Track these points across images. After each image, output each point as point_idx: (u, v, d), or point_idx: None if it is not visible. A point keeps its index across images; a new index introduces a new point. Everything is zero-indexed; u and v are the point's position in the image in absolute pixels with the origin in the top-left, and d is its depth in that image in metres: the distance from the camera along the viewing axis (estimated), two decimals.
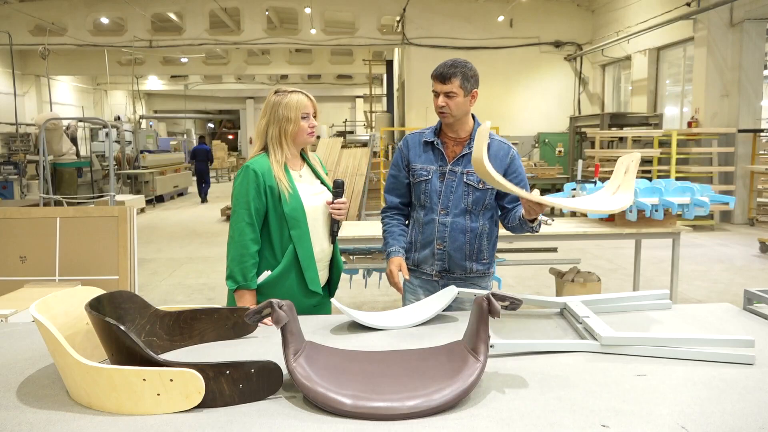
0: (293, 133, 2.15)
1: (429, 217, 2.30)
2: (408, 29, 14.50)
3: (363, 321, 1.80)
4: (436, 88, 2.22)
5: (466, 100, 2.21)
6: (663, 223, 4.05)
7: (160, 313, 1.63)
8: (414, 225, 2.38)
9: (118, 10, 14.89)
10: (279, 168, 2.12)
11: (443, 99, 2.20)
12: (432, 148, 2.31)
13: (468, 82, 2.19)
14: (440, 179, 2.28)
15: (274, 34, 15.57)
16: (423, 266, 2.36)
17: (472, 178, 2.25)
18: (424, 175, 2.30)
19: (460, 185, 2.27)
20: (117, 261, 3.38)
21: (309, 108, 2.18)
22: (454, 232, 2.28)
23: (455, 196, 2.27)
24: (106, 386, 1.24)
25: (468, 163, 2.25)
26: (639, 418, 1.20)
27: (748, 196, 9.84)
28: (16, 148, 12.88)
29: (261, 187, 2.10)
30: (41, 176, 6.25)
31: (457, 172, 2.27)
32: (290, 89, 2.19)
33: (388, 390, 1.28)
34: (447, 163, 2.28)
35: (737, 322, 1.82)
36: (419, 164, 2.32)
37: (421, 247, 2.35)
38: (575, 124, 13.18)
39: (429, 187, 2.29)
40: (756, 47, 9.68)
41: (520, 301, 1.43)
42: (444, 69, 2.19)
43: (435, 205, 2.29)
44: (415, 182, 2.33)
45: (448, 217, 2.28)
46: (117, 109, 23.73)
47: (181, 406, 1.24)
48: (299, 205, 2.12)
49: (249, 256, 2.08)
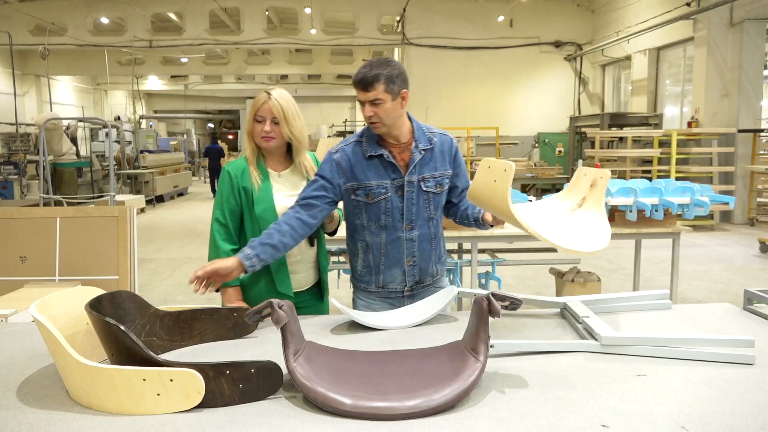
0: (249, 133, 2.17)
1: (393, 236, 2.09)
2: (408, 29, 14.49)
3: (363, 321, 1.80)
4: (360, 97, 1.98)
5: (395, 104, 1.98)
6: (663, 223, 4.05)
7: (160, 313, 1.63)
8: (370, 248, 2.13)
9: (118, 10, 14.89)
10: (253, 167, 2.16)
11: (370, 108, 1.96)
12: (381, 161, 2.05)
13: (394, 84, 1.95)
14: (398, 194, 2.06)
15: (274, 34, 15.57)
16: (391, 285, 2.15)
17: (429, 184, 2.09)
18: (382, 193, 2.05)
19: (420, 195, 2.08)
20: (117, 261, 3.38)
21: (263, 112, 2.12)
22: (422, 244, 2.13)
23: (417, 208, 2.08)
24: (106, 386, 1.24)
25: (422, 169, 2.07)
26: (639, 418, 1.20)
27: (748, 196, 9.84)
28: (16, 148, 12.88)
29: (235, 188, 2.15)
30: (41, 176, 6.25)
31: (414, 182, 2.06)
32: (269, 89, 2.16)
33: (388, 390, 1.28)
34: (402, 175, 2.05)
35: (737, 322, 1.82)
36: (374, 182, 2.05)
37: (386, 269, 2.13)
38: (575, 124, 13.19)
39: (390, 205, 2.06)
40: (756, 47, 9.68)
41: (520, 301, 1.43)
42: (364, 74, 1.94)
43: (398, 223, 2.08)
44: (372, 202, 2.06)
45: (414, 231, 2.10)
46: (117, 109, 23.72)
47: (181, 406, 1.24)
48: (270, 207, 2.14)
49: (224, 254, 2.08)
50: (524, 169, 11.84)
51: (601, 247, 1.67)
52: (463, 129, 12.39)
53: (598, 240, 1.70)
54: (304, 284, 2.26)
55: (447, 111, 14.44)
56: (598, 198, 1.81)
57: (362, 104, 1.99)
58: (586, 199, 1.84)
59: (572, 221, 1.81)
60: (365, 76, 1.94)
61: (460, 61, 14.51)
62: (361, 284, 2.20)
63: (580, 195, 1.86)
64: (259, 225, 2.12)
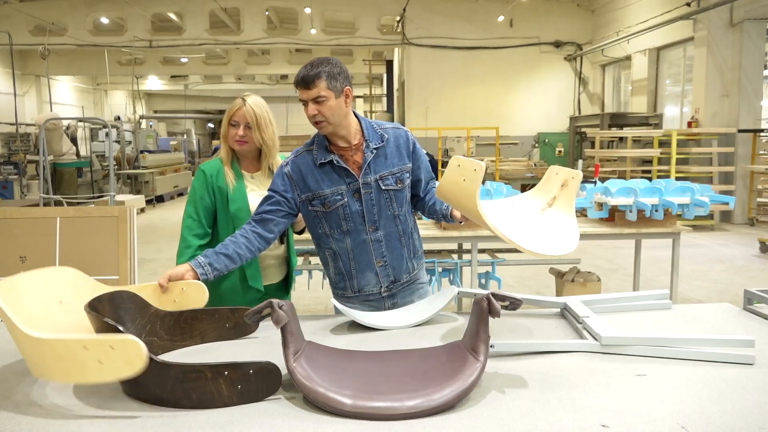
0: (224, 136, 2.27)
1: (358, 239, 2.05)
2: (408, 29, 14.49)
3: (363, 321, 1.80)
4: (302, 96, 1.94)
5: (339, 101, 1.94)
6: (663, 223, 4.05)
7: (160, 313, 1.63)
8: (338, 255, 2.10)
9: (118, 10, 14.88)
10: (228, 168, 2.25)
11: (313, 107, 1.92)
12: (332, 167, 2.01)
13: (336, 81, 1.92)
14: (355, 197, 2.02)
15: (274, 34, 15.56)
16: (366, 288, 2.13)
17: (389, 181, 2.04)
18: (338, 200, 2.01)
19: (379, 195, 2.03)
20: (117, 261, 3.38)
21: (238, 117, 2.23)
22: (390, 243, 2.08)
23: (378, 208, 2.04)
24: (52, 357, 1.26)
25: (377, 168, 2.02)
26: (639, 418, 1.20)
27: (748, 196, 9.84)
28: (16, 148, 12.88)
29: (209, 186, 2.24)
30: (41, 176, 6.25)
31: (371, 183, 2.02)
32: (245, 95, 2.28)
33: (388, 390, 1.28)
34: (356, 178, 2.01)
35: (737, 322, 1.82)
36: (328, 189, 2.01)
37: (358, 273, 2.10)
38: (575, 124, 13.18)
39: (348, 210, 2.02)
40: (756, 47, 9.68)
41: (520, 301, 1.43)
42: (305, 73, 1.91)
43: (360, 226, 2.04)
44: (330, 210, 2.03)
45: (379, 231, 2.05)
46: (117, 109, 23.72)
47: (124, 373, 1.23)
48: (244, 205, 2.23)
49: (189, 249, 2.20)
50: (524, 169, 11.84)
51: (568, 250, 1.63)
52: (463, 129, 12.39)
53: (565, 243, 1.67)
54: (273, 279, 2.37)
55: (447, 111, 14.44)
56: (568, 199, 1.77)
57: (305, 104, 1.95)
58: (556, 199, 1.81)
59: (541, 221, 1.79)
60: (306, 74, 1.91)
61: (460, 61, 14.51)
62: (338, 290, 2.19)
63: (551, 194, 1.83)
64: (233, 223, 2.22)
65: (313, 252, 4.31)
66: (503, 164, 11.97)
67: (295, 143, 11.16)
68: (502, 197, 3.91)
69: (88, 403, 1.30)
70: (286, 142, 10.97)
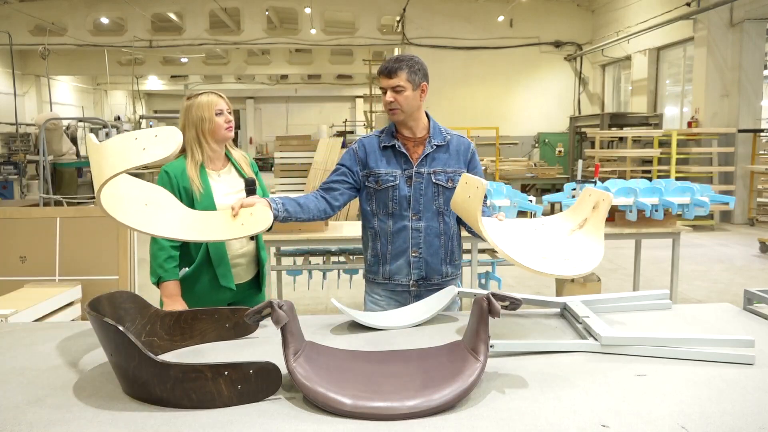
0: (211, 131, 2.26)
1: (400, 224, 2.17)
2: (408, 29, 14.49)
3: (363, 321, 1.80)
4: (383, 84, 2.12)
5: (415, 94, 2.12)
6: (663, 223, 4.05)
7: (160, 313, 1.63)
8: (378, 236, 2.22)
9: (118, 10, 14.88)
10: (193, 169, 2.24)
11: (391, 94, 2.10)
12: (393, 151, 2.18)
13: (416, 75, 2.11)
14: (407, 183, 2.16)
15: (274, 34, 15.56)
16: (397, 277, 2.22)
17: (440, 177, 2.17)
18: (391, 180, 2.16)
19: (429, 187, 2.16)
20: (117, 261, 3.38)
21: (221, 104, 2.27)
22: (429, 237, 2.18)
23: (425, 198, 2.16)
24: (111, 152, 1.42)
25: (433, 163, 2.17)
26: (639, 418, 1.20)
27: (748, 196, 9.84)
28: (16, 148, 12.86)
29: (175, 188, 2.22)
30: (41, 176, 6.25)
31: (424, 174, 2.16)
32: (200, 91, 2.31)
33: (388, 390, 1.28)
34: (412, 166, 2.16)
35: (737, 322, 1.82)
36: (383, 169, 2.17)
37: (392, 258, 2.20)
38: (575, 124, 13.18)
39: (397, 193, 2.16)
40: (756, 47, 9.68)
41: (520, 301, 1.43)
42: (389, 64, 2.11)
43: (405, 211, 2.16)
44: (380, 189, 2.17)
45: (421, 222, 2.17)
46: (117, 109, 23.70)
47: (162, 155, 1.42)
48: (211, 205, 2.23)
49: (164, 251, 2.20)
50: (524, 169, 11.84)
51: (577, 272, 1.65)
52: (463, 129, 12.37)
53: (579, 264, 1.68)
54: (244, 277, 2.38)
55: (447, 111, 14.42)
56: (598, 221, 1.80)
57: (384, 92, 2.11)
58: (587, 221, 1.84)
59: (565, 242, 1.80)
60: (390, 64, 2.10)
61: (460, 61, 14.50)
62: (370, 275, 2.28)
63: (583, 216, 1.86)
64: None
65: (313, 252, 4.31)
66: (503, 164, 11.97)
67: (296, 143, 11.18)
68: (502, 197, 3.91)
69: (88, 403, 1.30)
70: (286, 142, 10.98)
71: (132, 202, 1.71)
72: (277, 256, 4.36)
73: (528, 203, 4.01)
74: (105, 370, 1.45)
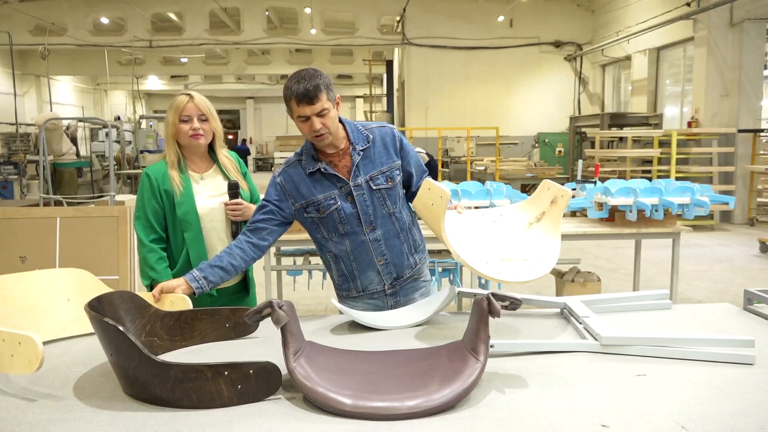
0: (173, 136, 2.22)
1: (357, 240, 2.07)
2: (408, 29, 14.49)
3: (363, 321, 1.80)
4: (305, 112, 1.90)
5: (335, 111, 1.97)
6: (663, 223, 4.05)
7: (160, 313, 1.63)
8: (339, 258, 2.12)
9: (118, 10, 14.88)
10: (173, 168, 2.21)
11: (318, 121, 1.91)
12: (322, 174, 2.03)
13: (330, 91, 1.94)
14: (348, 200, 2.04)
15: (274, 34, 15.56)
16: (370, 287, 2.15)
17: (379, 180, 2.06)
18: (332, 204, 2.03)
19: (372, 195, 2.05)
20: (117, 261, 3.38)
21: (190, 111, 2.19)
22: (389, 241, 2.09)
23: (373, 208, 2.06)
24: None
25: (365, 169, 2.04)
26: (639, 418, 1.20)
27: (748, 196, 9.84)
28: (16, 148, 12.86)
29: (156, 191, 2.19)
30: (41, 176, 6.25)
31: (362, 184, 2.04)
32: (183, 92, 2.24)
33: (388, 390, 1.28)
34: (347, 182, 2.03)
35: (737, 322, 1.82)
36: (320, 195, 2.03)
37: (360, 273, 2.11)
38: (575, 124, 13.18)
39: (343, 213, 2.04)
40: (756, 47, 9.68)
41: (520, 301, 1.43)
42: (305, 87, 1.87)
43: (357, 227, 2.05)
44: (325, 216, 2.04)
45: (377, 231, 2.07)
46: (117, 109, 23.72)
47: (26, 370, 1.30)
48: (192, 208, 2.20)
49: (153, 252, 2.18)
50: (524, 169, 11.84)
51: (537, 276, 1.62)
52: (463, 129, 12.39)
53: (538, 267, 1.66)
54: (229, 281, 2.31)
55: (447, 111, 14.44)
56: (556, 216, 1.77)
57: (305, 119, 1.92)
58: (545, 215, 1.81)
59: (524, 238, 1.79)
60: (307, 88, 1.87)
61: (460, 61, 14.51)
62: (342, 291, 2.21)
63: (541, 209, 1.83)
64: (182, 227, 2.21)
65: (313, 252, 4.31)
66: (503, 164, 11.97)
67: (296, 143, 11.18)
68: (502, 197, 3.91)
69: (88, 403, 1.30)
70: (286, 142, 10.98)
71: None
72: (277, 256, 4.36)
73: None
74: (105, 370, 1.45)
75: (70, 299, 1.71)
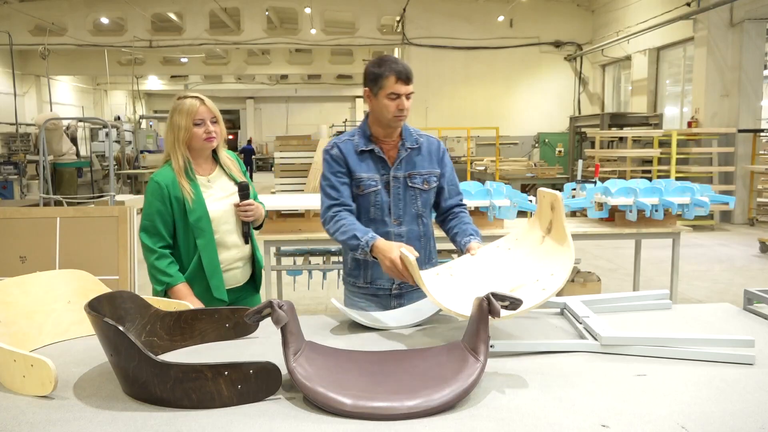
0: (186, 140, 2.18)
1: (382, 230, 2.11)
2: (408, 29, 14.49)
3: (363, 321, 1.80)
4: (399, 90, 2.02)
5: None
6: (663, 223, 4.05)
7: (160, 313, 1.63)
8: None
9: (118, 10, 14.88)
10: (181, 174, 2.17)
11: (407, 102, 2.05)
12: (371, 156, 2.13)
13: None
14: (386, 188, 2.13)
15: (274, 34, 15.56)
16: (378, 281, 2.18)
17: (416, 180, 2.15)
18: (372, 185, 2.12)
19: (406, 191, 2.14)
20: (117, 261, 3.38)
21: (203, 114, 2.17)
22: (411, 241, 2.13)
23: (404, 203, 2.14)
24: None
25: (407, 166, 2.14)
26: (639, 418, 1.20)
27: (748, 196, 9.84)
28: (16, 148, 12.87)
29: (166, 199, 2.17)
30: (41, 176, 6.25)
31: (400, 178, 2.13)
32: (190, 95, 2.20)
33: (388, 390, 1.28)
34: (390, 170, 2.13)
35: (737, 322, 1.82)
36: (365, 174, 2.12)
37: (374, 263, 2.08)
38: (575, 124, 13.18)
39: (379, 198, 2.12)
40: (756, 47, 9.68)
41: (520, 301, 1.43)
42: (406, 68, 2.03)
43: (387, 217, 2.13)
44: (362, 194, 2.12)
45: (402, 227, 2.15)
46: (117, 109, 23.72)
47: (39, 391, 1.31)
48: (204, 214, 2.18)
49: (163, 258, 2.16)
50: (524, 169, 11.84)
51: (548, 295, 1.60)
52: (463, 129, 12.39)
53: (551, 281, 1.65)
54: (240, 280, 2.34)
55: (447, 111, 14.44)
56: (559, 222, 1.78)
57: (396, 97, 2.02)
58: (552, 223, 1.82)
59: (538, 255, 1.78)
60: (408, 69, 2.02)
61: (460, 61, 14.51)
62: (351, 279, 2.24)
63: (547, 219, 1.85)
64: (194, 233, 2.18)
65: (313, 252, 4.31)
66: (503, 164, 11.97)
67: (295, 143, 11.15)
68: (502, 197, 3.91)
69: (88, 403, 1.29)
70: (286, 142, 10.96)
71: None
72: (277, 256, 4.36)
73: (528, 203, 4.01)
74: (105, 370, 1.44)
75: (71, 301, 1.71)
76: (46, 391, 1.30)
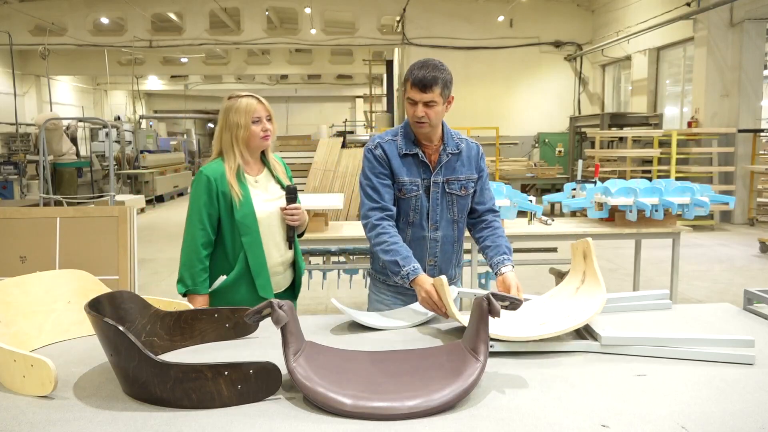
0: (245, 139, 2.17)
1: (419, 234, 2.14)
2: (408, 29, 14.49)
3: (363, 321, 1.80)
4: (415, 97, 1.99)
5: (443, 107, 2.05)
6: (663, 223, 4.05)
7: (160, 313, 1.63)
8: None
9: (118, 10, 14.88)
10: (231, 174, 2.15)
11: (422, 109, 2.00)
12: (414, 160, 2.11)
13: (447, 89, 2.03)
14: (426, 193, 2.12)
15: (274, 34, 15.56)
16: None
17: (453, 186, 2.14)
18: (414, 190, 2.11)
19: (443, 196, 2.14)
20: (117, 261, 3.38)
21: (260, 112, 2.17)
22: (445, 246, 2.17)
23: (441, 208, 2.14)
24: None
25: (446, 171, 2.13)
26: (639, 418, 1.20)
27: (748, 196, 9.84)
28: (16, 148, 12.88)
29: (214, 193, 2.14)
30: (41, 176, 6.25)
31: (439, 183, 2.13)
32: (243, 94, 2.21)
33: (388, 390, 1.28)
34: (431, 175, 2.11)
35: (737, 322, 1.82)
36: (407, 178, 2.10)
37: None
38: (575, 124, 13.18)
39: (420, 203, 2.12)
40: (756, 47, 9.68)
41: (520, 301, 1.43)
42: (425, 75, 1.97)
43: (424, 221, 2.13)
44: (404, 198, 2.12)
45: (438, 232, 2.15)
46: (117, 109, 23.71)
47: (39, 391, 1.32)
48: (251, 212, 2.15)
49: (198, 262, 2.14)
50: (524, 169, 11.84)
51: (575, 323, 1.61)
52: (463, 129, 12.35)
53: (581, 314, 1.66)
54: (282, 285, 2.31)
55: None
56: (592, 269, 1.81)
57: (412, 103, 2.01)
58: (585, 273, 1.84)
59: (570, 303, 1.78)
60: (425, 77, 1.97)
61: (460, 61, 14.50)
62: (381, 276, 2.23)
63: (581, 269, 1.87)
64: (240, 231, 2.15)
65: (313, 252, 4.31)
66: (503, 164, 11.98)
67: (296, 143, 11.16)
68: (502, 197, 3.91)
69: (88, 403, 1.30)
70: (286, 142, 10.96)
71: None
72: None
73: (528, 203, 4.01)
74: (105, 370, 1.45)
75: (71, 301, 1.71)
76: (46, 391, 1.30)
